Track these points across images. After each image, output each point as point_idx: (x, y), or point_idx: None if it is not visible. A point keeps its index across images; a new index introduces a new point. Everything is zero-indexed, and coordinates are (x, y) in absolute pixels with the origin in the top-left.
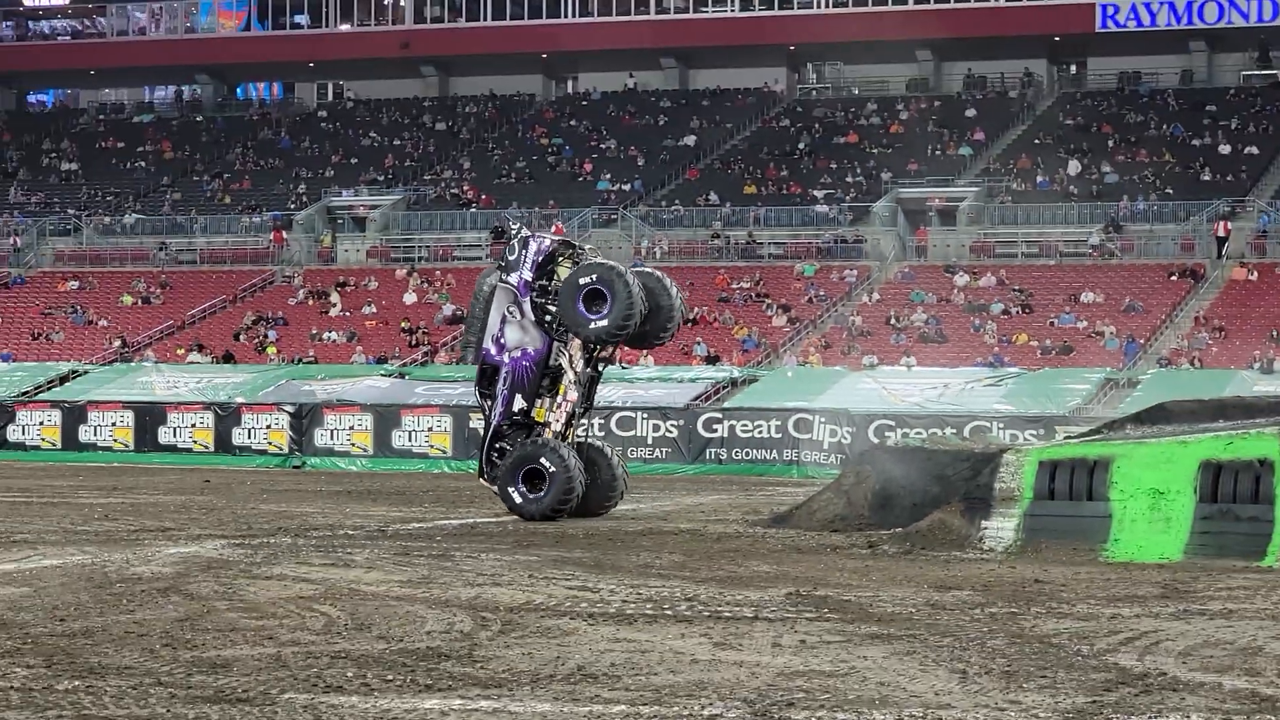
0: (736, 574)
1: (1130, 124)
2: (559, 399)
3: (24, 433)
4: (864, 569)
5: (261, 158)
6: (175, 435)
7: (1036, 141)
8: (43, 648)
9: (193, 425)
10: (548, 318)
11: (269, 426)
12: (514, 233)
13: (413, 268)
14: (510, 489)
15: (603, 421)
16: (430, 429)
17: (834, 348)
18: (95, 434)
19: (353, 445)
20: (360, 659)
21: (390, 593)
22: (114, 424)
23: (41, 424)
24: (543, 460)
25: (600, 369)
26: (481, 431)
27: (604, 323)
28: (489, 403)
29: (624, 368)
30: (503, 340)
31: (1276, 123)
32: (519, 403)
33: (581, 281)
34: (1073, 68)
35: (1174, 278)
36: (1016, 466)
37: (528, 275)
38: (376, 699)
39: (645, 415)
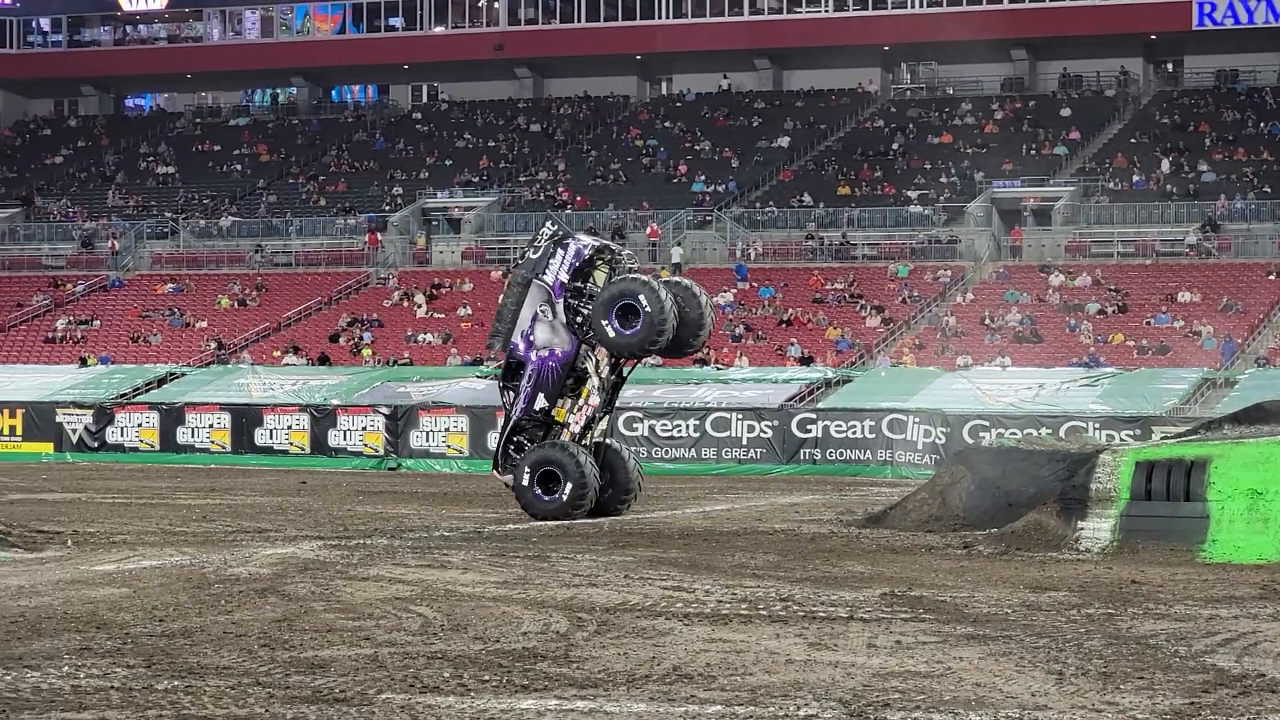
0: (831, 574)
1: (1227, 122)
2: (581, 401)
3: (123, 435)
4: (959, 569)
5: (356, 160)
6: (272, 437)
7: (1132, 140)
8: (142, 648)
9: (289, 427)
10: (579, 319)
11: (364, 428)
12: (549, 232)
13: (507, 269)
14: (524, 487)
15: (697, 422)
16: None
17: (928, 348)
18: (193, 436)
19: (448, 447)
20: (457, 659)
21: (486, 594)
22: (211, 426)
23: (140, 426)
24: (560, 463)
25: (624, 374)
26: (500, 424)
27: (636, 338)
28: (511, 396)
29: (718, 368)
30: (532, 338)
31: None
32: (541, 401)
33: (614, 296)
34: (1169, 66)
35: (1272, 276)
36: (1113, 467)
37: (564, 277)
38: (473, 699)
39: (740, 416)
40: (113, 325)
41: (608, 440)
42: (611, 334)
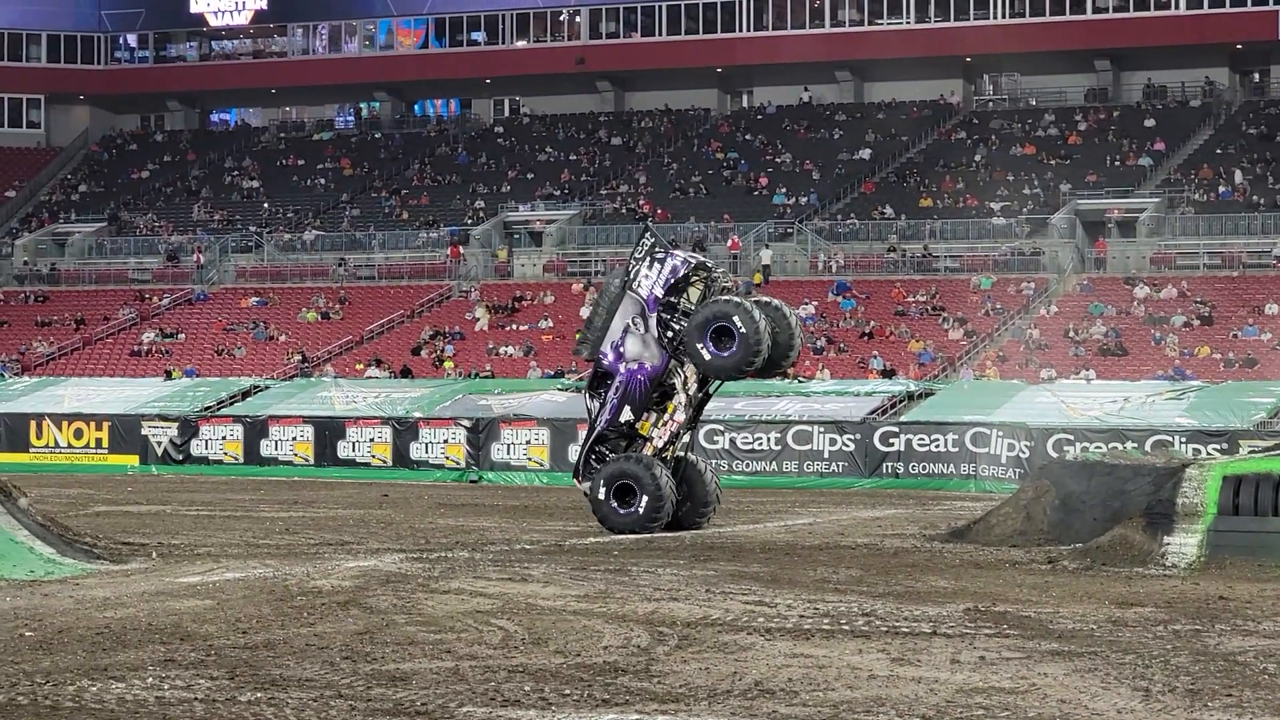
0: (914, 589)
1: None
2: (666, 416)
3: (207, 447)
4: (1044, 584)
5: (439, 174)
6: (354, 450)
7: (1218, 151)
8: (225, 659)
9: (371, 440)
10: (669, 335)
11: (446, 441)
12: (648, 244)
13: (589, 281)
14: (600, 500)
15: (779, 435)
16: None
17: (1011, 360)
18: (276, 448)
19: (529, 459)
20: (537, 673)
21: (567, 607)
22: (294, 438)
23: (224, 438)
24: (637, 477)
25: (711, 392)
26: (584, 433)
27: (731, 361)
28: (596, 405)
29: (800, 381)
30: (622, 349)
31: None
32: (627, 414)
33: (709, 318)
34: (1255, 75)
35: None
36: (1199, 481)
37: (659, 291)
38: (554, 713)
39: (822, 429)
40: (197, 338)
41: (687, 454)
42: (707, 356)
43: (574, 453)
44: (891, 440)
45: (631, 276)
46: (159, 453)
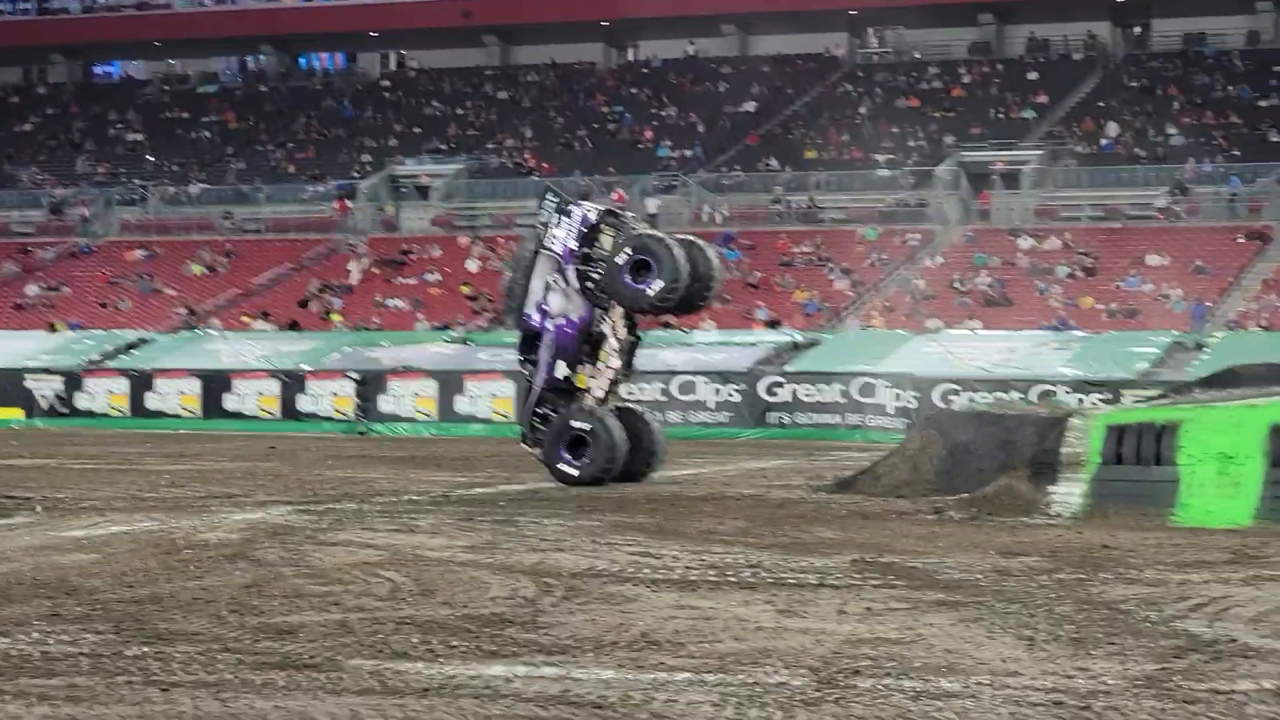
0: (800, 540)
1: (1196, 85)
2: (601, 365)
3: (92, 400)
4: (930, 535)
5: (325, 127)
6: (241, 402)
7: (1100, 104)
8: (112, 614)
9: (259, 393)
10: (589, 284)
11: (334, 393)
12: (553, 202)
13: (475, 235)
14: (554, 455)
15: (664, 385)
16: (494, 394)
17: (897, 311)
18: (162, 401)
19: (417, 411)
20: (425, 625)
21: (454, 558)
22: (181, 392)
23: (110, 392)
24: (585, 427)
25: (640, 335)
26: (523, 398)
27: (652, 292)
28: (531, 368)
29: (685, 332)
30: (546, 307)
31: None
32: (561, 369)
33: (627, 253)
34: (1136, 29)
35: (1241, 240)
36: (1083, 431)
37: (573, 244)
38: (442, 665)
39: (707, 380)
40: (82, 292)
41: (631, 405)
42: (628, 291)
43: (460, 403)
44: (777, 391)
45: (542, 235)
46: (44, 406)
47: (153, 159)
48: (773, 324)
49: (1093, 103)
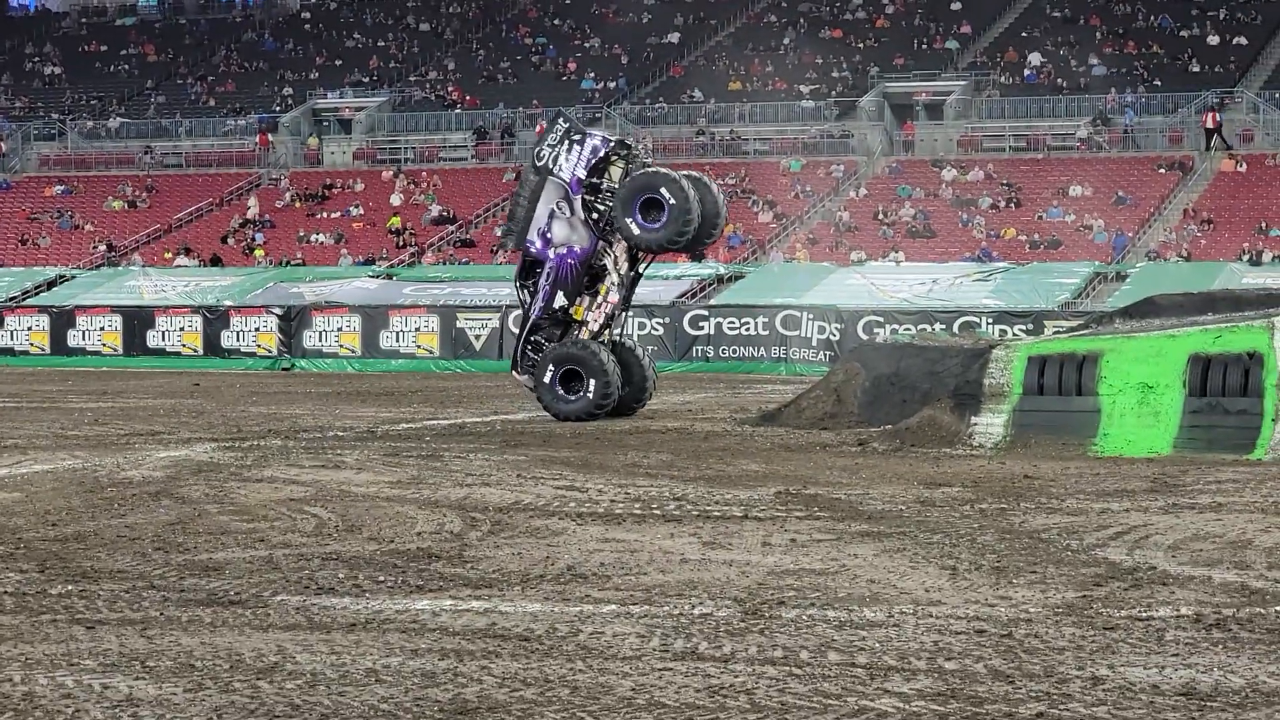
0: (725, 473)
1: (1118, 16)
2: (599, 299)
3: (12, 338)
4: (854, 466)
5: (246, 60)
6: (164, 339)
7: (1023, 34)
8: (35, 552)
9: (181, 329)
10: (595, 216)
11: (257, 329)
12: (563, 128)
13: (399, 169)
14: (546, 386)
15: None
16: (418, 329)
17: (821, 243)
18: (84, 338)
19: (341, 347)
20: (351, 560)
21: (380, 494)
22: (102, 328)
23: (30, 329)
24: (583, 361)
25: (641, 271)
26: (518, 325)
27: (662, 232)
28: (528, 295)
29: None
30: (549, 235)
31: (1265, 13)
32: (560, 299)
33: (637, 190)
34: None
35: (1162, 170)
36: (1006, 362)
37: (581, 173)
38: (368, 600)
39: (631, 313)
40: (0, 228)
41: (623, 339)
42: (636, 230)
43: (385, 339)
44: (701, 324)
45: (550, 161)
46: None
47: (71, 93)
48: (696, 257)
49: (1015, 33)
